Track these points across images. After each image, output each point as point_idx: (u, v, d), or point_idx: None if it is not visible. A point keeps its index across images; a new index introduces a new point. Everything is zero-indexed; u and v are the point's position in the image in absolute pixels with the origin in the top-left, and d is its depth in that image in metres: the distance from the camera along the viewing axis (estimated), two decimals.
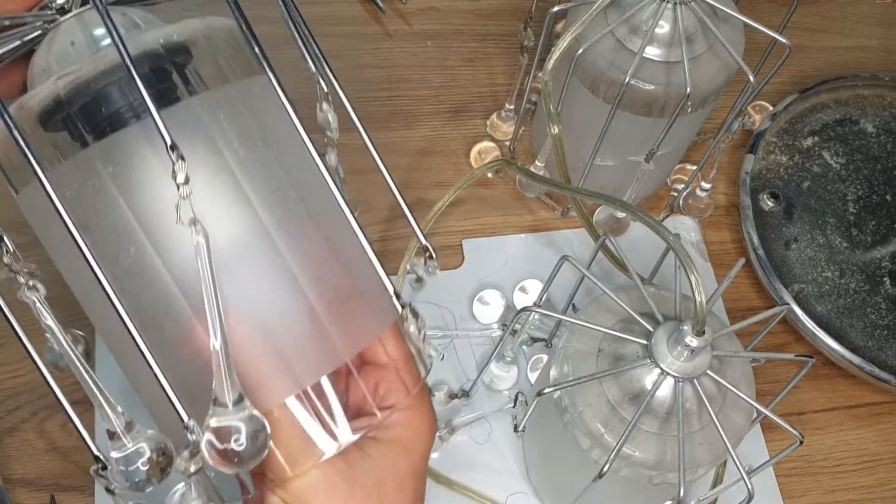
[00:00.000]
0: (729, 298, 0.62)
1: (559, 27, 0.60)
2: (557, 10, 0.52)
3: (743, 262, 0.46)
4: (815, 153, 0.66)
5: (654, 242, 0.51)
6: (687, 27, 0.49)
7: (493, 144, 0.66)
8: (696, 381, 0.40)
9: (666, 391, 0.40)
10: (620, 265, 0.58)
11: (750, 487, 0.39)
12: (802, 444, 0.42)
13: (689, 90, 0.48)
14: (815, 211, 0.64)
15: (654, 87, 0.51)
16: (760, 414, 0.41)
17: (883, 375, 0.57)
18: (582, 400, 0.42)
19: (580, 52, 0.50)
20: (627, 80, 0.49)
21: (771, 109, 0.67)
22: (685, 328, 0.38)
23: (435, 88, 0.68)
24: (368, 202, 0.60)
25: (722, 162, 0.65)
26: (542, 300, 0.49)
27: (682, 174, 0.65)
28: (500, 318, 0.59)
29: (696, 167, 0.62)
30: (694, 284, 0.36)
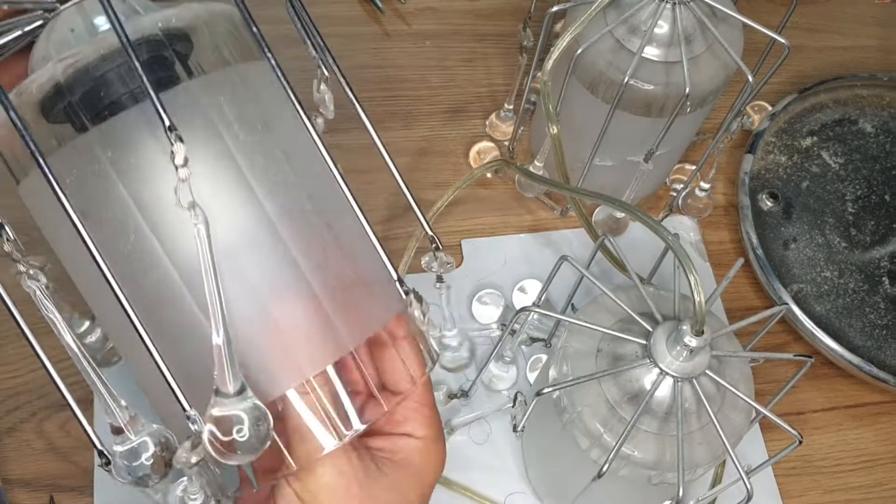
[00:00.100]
0: (728, 298, 0.62)
1: (558, 27, 0.60)
2: (556, 9, 0.52)
3: (742, 261, 0.46)
4: (813, 153, 0.66)
5: (653, 242, 0.51)
6: (686, 27, 0.49)
7: (492, 144, 0.66)
8: (694, 380, 0.40)
9: (665, 391, 0.40)
10: (619, 265, 0.58)
11: (749, 487, 0.39)
12: (801, 443, 0.42)
13: (688, 90, 0.48)
14: (813, 211, 0.64)
15: (653, 87, 0.51)
16: (759, 414, 0.41)
17: (882, 375, 0.57)
18: (581, 400, 0.42)
19: (579, 52, 0.50)
20: (626, 80, 0.49)
21: (770, 109, 0.67)
22: (684, 328, 0.38)
23: (434, 88, 0.68)
24: (367, 202, 0.60)
25: (721, 162, 0.66)
26: (541, 300, 0.49)
27: (681, 174, 0.65)
28: (499, 317, 0.59)
29: (695, 167, 0.62)
30: (693, 284, 0.36)
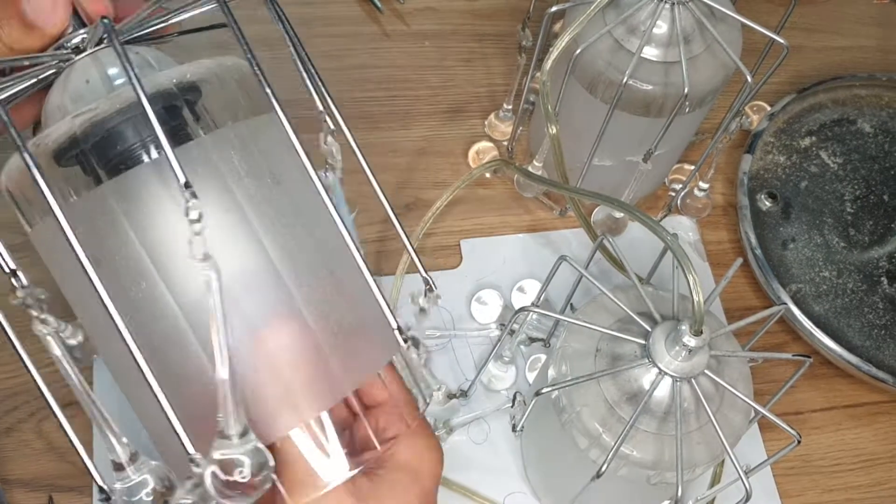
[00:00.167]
0: (726, 298, 0.62)
1: (557, 27, 0.60)
2: (555, 10, 0.52)
3: (740, 261, 0.46)
4: (812, 153, 0.66)
5: (652, 242, 0.51)
6: (685, 27, 0.49)
7: (491, 144, 0.66)
8: (693, 380, 0.40)
9: (664, 391, 0.40)
10: (618, 265, 0.58)
11: (747, 487, 0.39)
12: (800, 443, 0.42)
13: (686, 90, 0.48)
14: (812, 211, 0.64)
15: (651, 87, 0.51)
16: (758, 413, 0.42)
17: (880, 375, 0.58)
18: (580, 399, 0.42)
19: (578, 52, 0.50)
20: (625, 80, 0.49)
21: (769, 109, 0.67)
22: (683, 328, 0.38)
23: (433, 88, 0.68)
24: (366, 202, 0.60)
25: (720, 162, 0.66)
26: (540, 300, 0.49)
27: (679, 174, 0.65)
28: (498, 317, 0.59)
29: (693, 167, 0.62)
30: (692, 284, 0.36)
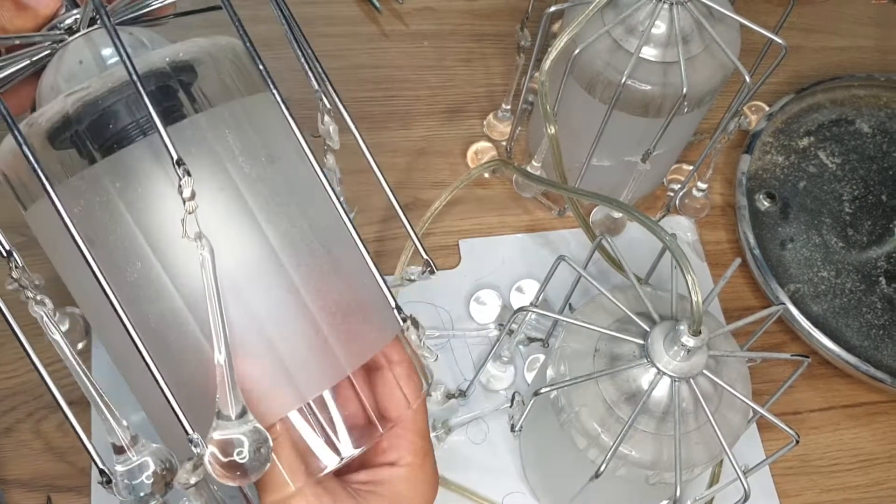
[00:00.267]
0: (725, 298, 0.62)
1: (556, 27, 0.60)
2: (554, 10, 0.52)
3: (739, 261, 0.46)
4: (811, 153, 0.66)
5: (650, 242, 0.51)
6: (683, 27, 0.49)
7: (489, 144, 0.66)
8: (692, 380, 0.40)
9: (662, 391, 0.40)
10: (617, 265, 0.58)
11: (746, 487, 0.39)
12: (798, 443, 0.42)
13: (685, 90, 0.48)
14: (811, 211, 0.64)
15: (650, 87, 0.51)
16: (756, 413, 0.42)
17: (879, 375, 0.58)
18: (578, 400, 0.42)
19: (577, 52, 0.50)
20: (624, 80, 0.49)
21: (767, 109, 0.67)
22: (681, 328, 0.38)
23: (432, 88, 0.68)
24: (365, 202, 0.60)
25: (718, 162, 0.66)
26: (538, 300, 0.49)
27: (678, 174, 0.65)
28: (496, 317, 0.59)
29: (692, 167, 0.62)
30: (690, 284, 0.36)
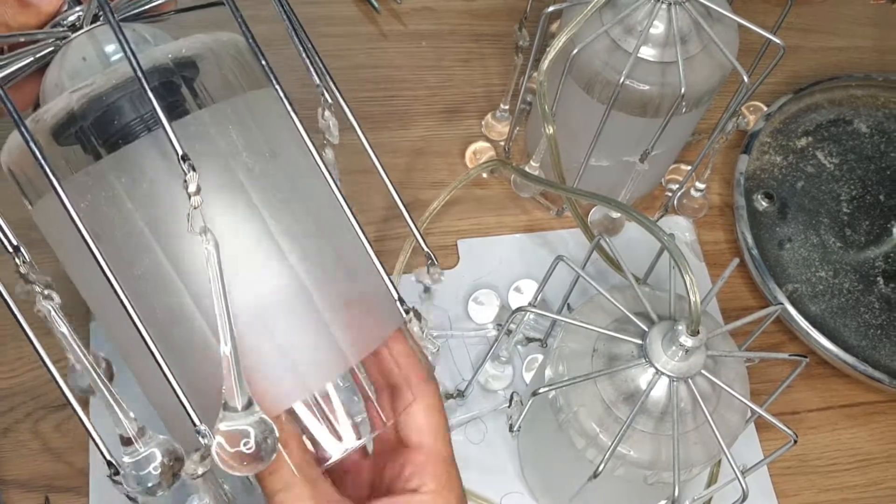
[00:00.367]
0: (723, 298, 0.62)
1: (554, 27, 0.60)
2: (552, 10, 0.52)
3: (737, 261, 0.46)
4: (808, 153, 0.66)
5: (648, 242, 0.51)
6: (681, 27, 0.49)
7: (488, 145, 0.66)
8: (690, 380, 0.40)
9: (661, 391, 0.40)
10: (615, 265, 0.58)
11: (744, 486, 0.39)
12: (796, 443, 0.42)
13: (683, 90, 0.49)
14: (808, 211, 0.64)
15: (648, 87, 0.51)
16: (755, 413, 0.42)
17: (876, 375, 0.58)
18: (577, 400, 0.42)
19: (575, 52, 0.50)
20: (622, 80, 0.49)
21: (765, 110, 0.67)
22: (680, 328, 0.38)
23: (430, 88, 0.68)
24: (365, 202, 0.60)
25: (716, 162, 0.66)
26: (536, 300, 0.49)
27: (676, 174, 0.65)
28: (495, 318, 0.59)
29: (690, 167, 0.62)
30: (688, 284, 0.36)
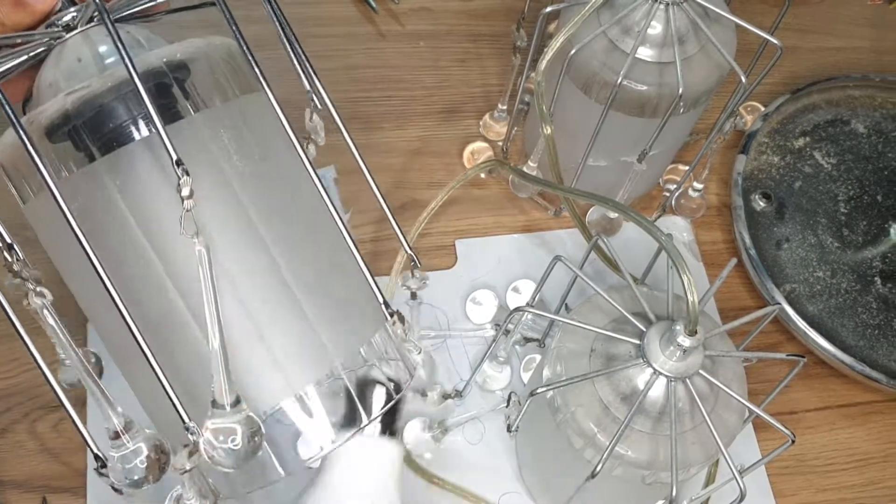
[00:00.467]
0: (721, 298, 0.62)
1: (552, 28, 0.60)
2: (550, 10, 0.52)
3: (735, 262, 0.46)
4: (806, 153, 0.66)
5: (646, 242, 0.51)
6: (679, 28, 0.49)
7: (485, 145, 0.66)
8: (688, 380, 0.40)
9: (658, 391, 0.40)
10: (613, 265, 0.58)
11: (742, 486, 0.39)
12: (794, 443, 0.42)
13: (681, 91, 0.49)
14: (806, 211, 0.64)
15: (646, 87, 0.51)
16: (752, 413, 0.42)
17: (874, 375, 0.58)
18: (575, 400, 0.42)
19: (573, 52, 0.50)
20: (620, 80, 0.49)
21: (763, 110, 0.67)
22: (677, 328, 0.38)
23: (428, 89, 0.68)
24: (361, 203, 0.60)
25: (714, 162, 0.66)
26: (534, 300, 0.49)
27: (674, 174, 0.65)
28: (493, 318, 0.59)
29: (688, 167, 0.62)
30: (686, 284, 0.36)
